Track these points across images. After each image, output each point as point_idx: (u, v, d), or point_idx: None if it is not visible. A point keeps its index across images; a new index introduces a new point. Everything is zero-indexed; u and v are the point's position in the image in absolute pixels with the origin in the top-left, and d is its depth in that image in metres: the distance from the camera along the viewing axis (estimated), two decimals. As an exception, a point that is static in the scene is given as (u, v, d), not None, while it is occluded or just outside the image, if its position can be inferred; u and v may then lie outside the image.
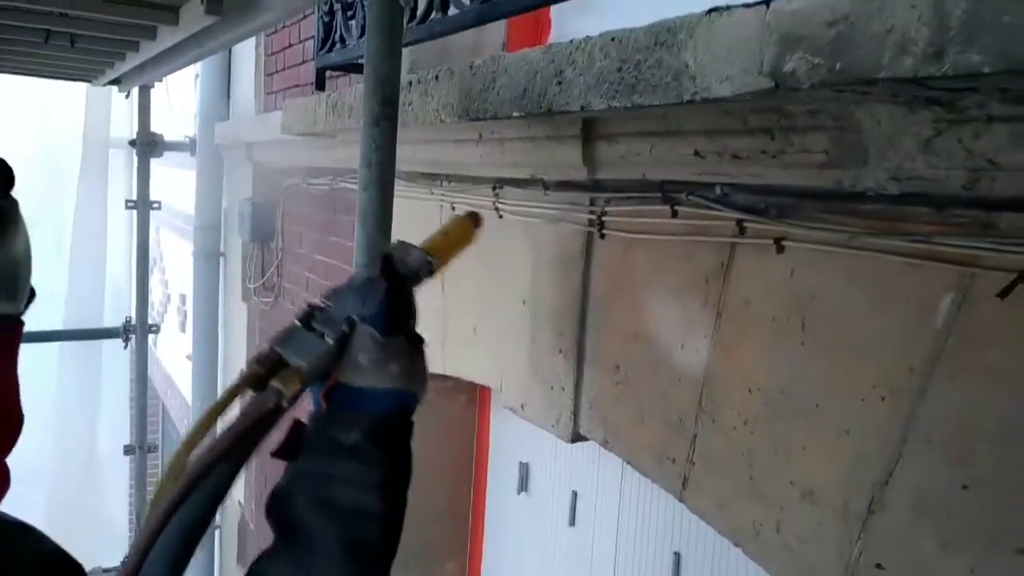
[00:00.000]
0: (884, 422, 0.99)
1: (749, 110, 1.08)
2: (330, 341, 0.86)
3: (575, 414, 1.57)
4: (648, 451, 1.40)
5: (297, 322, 0.89)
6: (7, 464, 0.93)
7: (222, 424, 0.83)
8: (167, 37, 2.11)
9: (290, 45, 3.47)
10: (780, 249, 1.15)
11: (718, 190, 1.23)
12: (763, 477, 1.15)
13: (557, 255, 1.61)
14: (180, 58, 2.42)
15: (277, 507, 0.85)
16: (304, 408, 0.89)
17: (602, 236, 1.49)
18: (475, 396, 2.39)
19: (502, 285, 1.81)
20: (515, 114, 1.33)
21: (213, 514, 0.82)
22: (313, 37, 2.68)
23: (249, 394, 0.85)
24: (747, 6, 0.91)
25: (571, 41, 1.21)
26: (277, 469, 0.88)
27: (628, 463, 1.47)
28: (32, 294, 0.95)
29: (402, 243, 0.97)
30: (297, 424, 0.87)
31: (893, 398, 0.98)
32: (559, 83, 1.22)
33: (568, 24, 2.14)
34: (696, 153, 1.19)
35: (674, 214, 1.33)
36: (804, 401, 1.11)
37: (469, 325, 1.98)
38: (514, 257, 1.75)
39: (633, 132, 1.31)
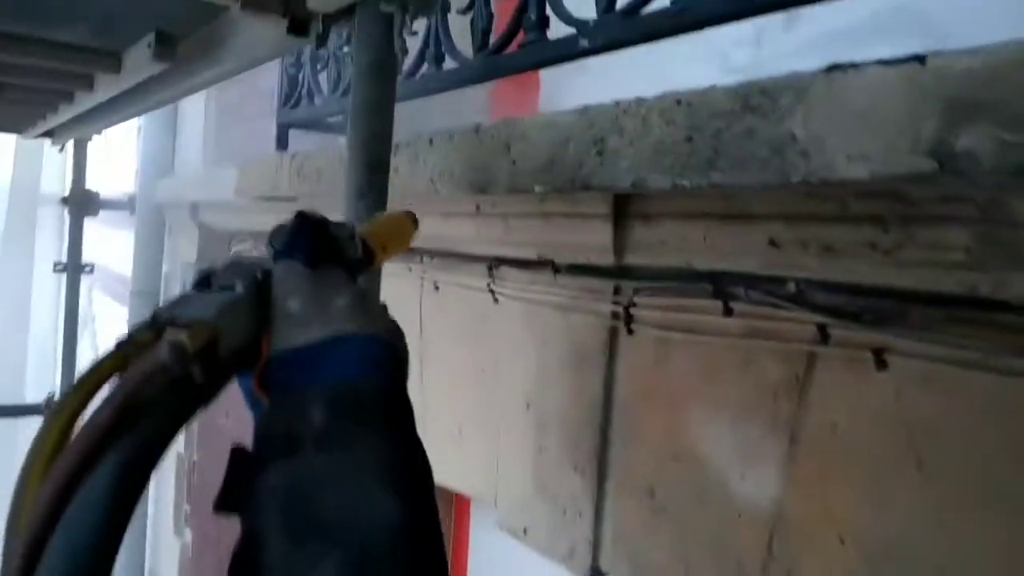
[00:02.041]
0: (1051, 603, 0.76)
1: (852, 193, 0.86)
2: (240, 289, 0.60)
3: (595, 546, 1.30)
4: (694, 600, 1.13)
5: (190, 288, 0.62)
6: None
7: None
8: (107, 87, 1.83)
9: (245, 97, 3.21)
10: (882, 364, 0.92)
11: (792, 286, 1.00)
12: (871, 660, 0.90)
13: (571, 351, 1.36)
14: (123, 110, 2.14)
15: (242, 568, 0.52)
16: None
17: (630, 332, 1.25)
18: (450, 504, 2.08)
19: (497, 381, 1.55)
20: (538, 188, 1.09)
21: (119, 534, 0.48)
22: (273, 91, 2.44)
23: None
24: (885, 63, 0.69)
25: (616, 103, 0.98)
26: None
27: (664, 610, 1.21)
28: None
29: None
30: (237, 453, 0.57)
31: (1064, 573, 0.75)
32: (599, 153, 0.99)
33: (561, 85, 1.94)
34: (771, 243, 0.97)
35: (728, 311, 1.09)
36: (922, 561, 0.87)
37: (453, 424, 1.71)
38: (513, 350, 1.50)
39: (682, 213, 1.08)
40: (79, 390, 0.51)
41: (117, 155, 4.96)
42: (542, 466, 1.41)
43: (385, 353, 0.60)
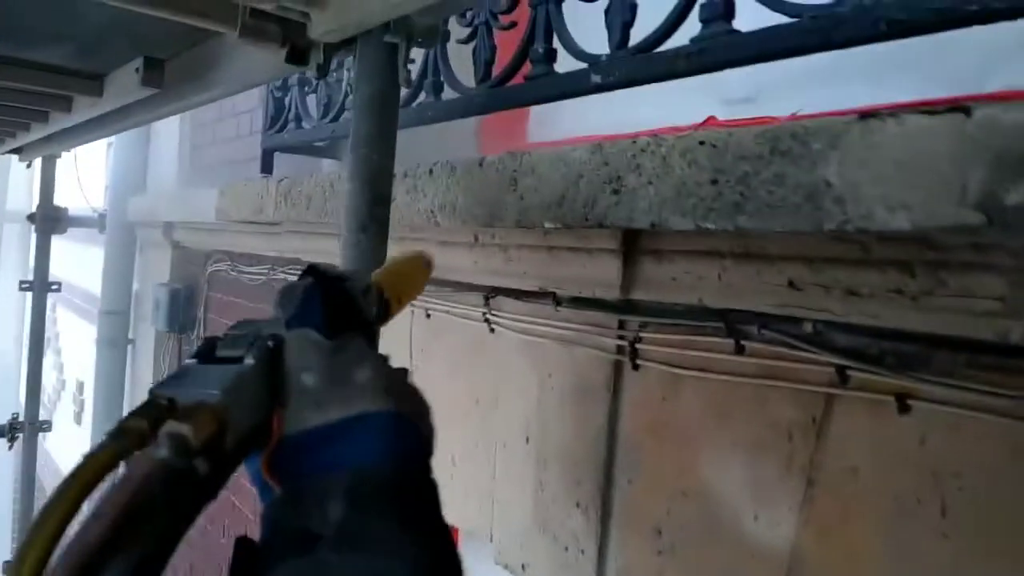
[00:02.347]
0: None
1: (875, 238, 0.85)
2: (249, 361, 0.54)
3: (599, 585, 1.27)
4: (706, 644, 1.11)
5: (192, 359, 0.56)
6: None
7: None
8: (85, 110, 1.77)
9: (222, 116, 3.15)
10: (904, 408, 0.91)
11: (808, 327, 0.99)
12: None
13: (573, 385, 1.34)
14: (100, 130, 2.07)
15: None
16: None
17: (635, 367, 1.23)
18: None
19: (494, 413, 1.52)
20: (547, 225, 1.07)
21: None
22: (253, 110, 2.39)
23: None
24: (928, 112, 0.68)
25: (633, 141, 0.96)
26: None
27: (671, 652, 1.18)
28: None
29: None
30: (243, 544, 0.52)
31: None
32: (615, 192, 0.97)
33: (552, 107, 1.92)
34: (791, 284, 0.95)
35: (740, 350, 1.08)
36: (949, 611, 0.85)
37: (445, 453, 1.67)
38: (511, 381, 1.47)
39: (696, 251, 1.06)
40: (62, 500, 0.43)
41: (86, 171, 4.84)
42: (542, 502, 1.38)
43: (408, 433, 0.55)
